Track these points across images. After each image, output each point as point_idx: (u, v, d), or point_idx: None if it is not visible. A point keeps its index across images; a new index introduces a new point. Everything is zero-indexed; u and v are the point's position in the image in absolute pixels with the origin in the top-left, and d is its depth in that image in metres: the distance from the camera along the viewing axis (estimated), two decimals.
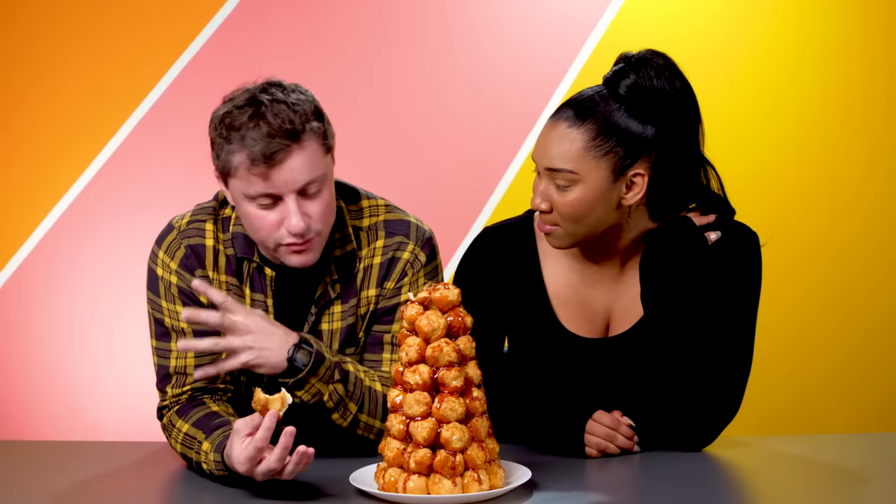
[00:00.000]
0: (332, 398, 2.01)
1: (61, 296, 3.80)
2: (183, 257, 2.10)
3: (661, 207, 2.04)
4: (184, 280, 2.09)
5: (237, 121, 1.96)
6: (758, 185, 3.80)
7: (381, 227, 2.15)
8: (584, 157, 1.97)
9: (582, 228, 2.01)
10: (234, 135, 1.96)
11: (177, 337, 2.10)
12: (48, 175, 3.83)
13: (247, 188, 1.97)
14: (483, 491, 1.76)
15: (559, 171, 1.98)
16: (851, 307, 3.81)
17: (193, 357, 2.09)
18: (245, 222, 2.04)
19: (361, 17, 3.87)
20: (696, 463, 2.01)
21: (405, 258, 2.14)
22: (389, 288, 2.13)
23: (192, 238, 2.10)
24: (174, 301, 2.10)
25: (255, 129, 1.95)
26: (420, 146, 3.84)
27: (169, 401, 2.10)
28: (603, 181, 1.97)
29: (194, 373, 1.98)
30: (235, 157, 1.96)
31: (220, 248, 2.11)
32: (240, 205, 2.02)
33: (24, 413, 3.76)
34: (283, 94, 1.99)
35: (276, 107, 1.96)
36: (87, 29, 3.85)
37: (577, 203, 1.98)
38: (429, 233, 2.18)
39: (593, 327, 2.12)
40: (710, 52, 3.81)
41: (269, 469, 1.81)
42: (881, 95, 3.82)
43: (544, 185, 2.01)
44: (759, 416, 3.55)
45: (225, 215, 2.13)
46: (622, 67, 2.00)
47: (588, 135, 1.97)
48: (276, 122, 1.95)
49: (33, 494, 1.91)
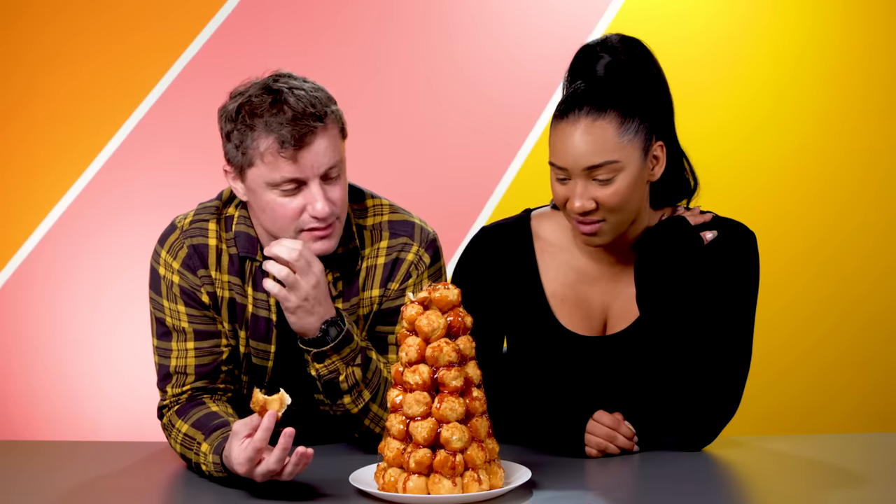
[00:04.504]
0: (348, 380, 2.03)
1: (61, 296, 3.80)
2: (185, 257, 2.09)
3: (661, 186, 2.08)
4: (186, 280, 2.08)
5: (259, 108, 1.97)
6: (757, 184, 3.80)
7: (386, 228, 2.15)
8: (619, 143, 1.97)
9: (627, 216, 2.02)
10: (258, 121, 1.96)
11: (177, 336, 2.09)
12: (48, 175, 3.83)
13: (272, 174, 1.97)
14: (483, 491, 1.76)
15: (600, 167, 1.97)
16: (849, 305, 3.80)
17: (194, 357, 2.09)
18: (264, 214, 2.03)
19: (361, 17, 3.87)
20: (695, 463, 2.01)
21: (409, 259, 2.14)
22: (394, 289, 2.13)
23: (195, 238, 2.10)
24: (175, 301, 2.09)
25: (280, 113, 1.96)
26: (420, 146, 3.84)
27: (169, 400, 2.10)
28: (639, 161, 1.99)
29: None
30: (262, 142, 1.96)
31: (224, 248, 2.10)
32: (260, 195, 2.01)
33: (24, 413, 3.76)
34: (296, 81, 2.02)
35: (295, 92, 1.98)
36: (87, 29, 3.85)
37: (623, 191, 1.98)
38: (433, 234, 2.18)
39: (591, 325, 2.12)
40: (710, 51, 3.81)
41: (268, 470, 1.81)
42: (881, 95, 3.82)
43: (582, 185, 1.98)
44: (758, 416, 3.55)
45: (228, 214, 2.12)
46: (586, 53, 2.03)
47: (615, 121, 1.97)
48: (300, 105, 1.96)
49: (33, 494, 1.91)
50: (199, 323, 2.09)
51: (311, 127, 1.96)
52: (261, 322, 2.11)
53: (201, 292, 2.09)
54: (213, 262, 2.09)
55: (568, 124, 1.98)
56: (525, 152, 3.82)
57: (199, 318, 2.09)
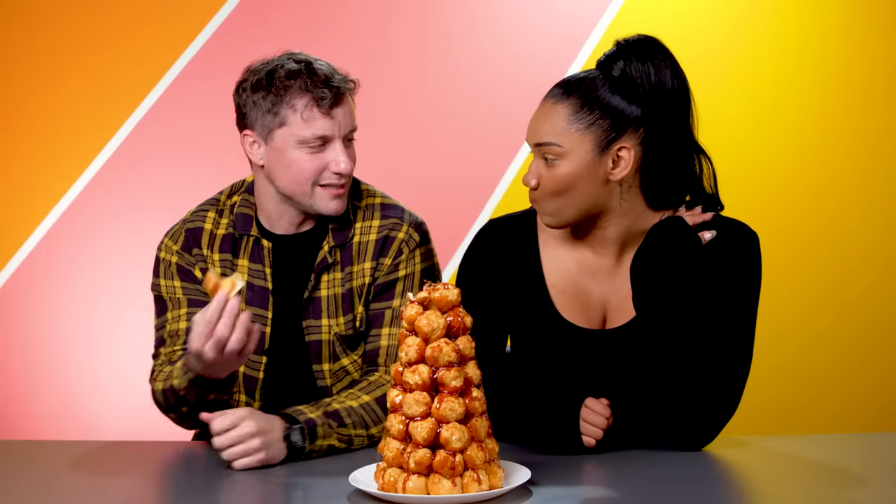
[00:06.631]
0: (342, 441, 2.09)
1: (61, 296, 3.80)
2: (183, 240, 2.29)
3: (656, 192, 2.06)
4: (183, 259, 2.27)
5: (294, 72, 2.16)
6: (757, 183, 3.80)
7: (378, 209, 2.30)
8: (567, 129, 2.02)
9: (569, 204, 2.04)
10: (293, 83, 2.15)
11: (172, 307, 2.25)
12: (48, 175, 3.84)
13: (304, 131, 2.15)
14: (482, 491, 1.76)
15: (546, 146, 2.03)
16: (848, 304, 3.81)
17: (186, 321, 2.22)
18: (287, 171, 2.18)
19: (361, 17, 3.87)
20: (695, 463, 2.01)
21: (400, 237, 2.27)
22: (386, 264, 2.25)
23: (193, 223, 2.30)
24: (172, 277, 2.27)
25: (315, 76, 2.16)
26: (420, 145, 3.85)
27: (161, 360, 2.23)
28: (587, 154, 2.01)
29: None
30: (299, 101, 2.15)
31: (218, 232, 2.28)
32: (286, 153, 2.17)
33: (24, 413, 3.76)
34: (312, 57, 2.21)
35: (319, 64, 2.19)
36: (87, 29, 3.85)
37: (563, 177, 2.02)
38: (420, 219, 2.32)
39: (590, 318, 2.13)
40: (710, 51, 3.81)
41: (218, 339, 1.92)
42: (881, 94, 3.83)
43: (535, 161, 2.06)
44: (757, 415, 3.55)
45: (232, 202, 2.30)
46: (615, 51, 2.06)
47: (571, 108, 2.02)
48: (330, 71, 2.18)
49: (33, 494, 1.91)
50: (193, 295, 2.26)
51: (342, 89, 2.18)
52: (257, 290, 2.25)
53: (195, 269, 2.26)
54: (205, 242, 2.28)
55: (541, 102, 2.08)
56: (525, 152, 3.82)
57: (193, 290, 2.26)
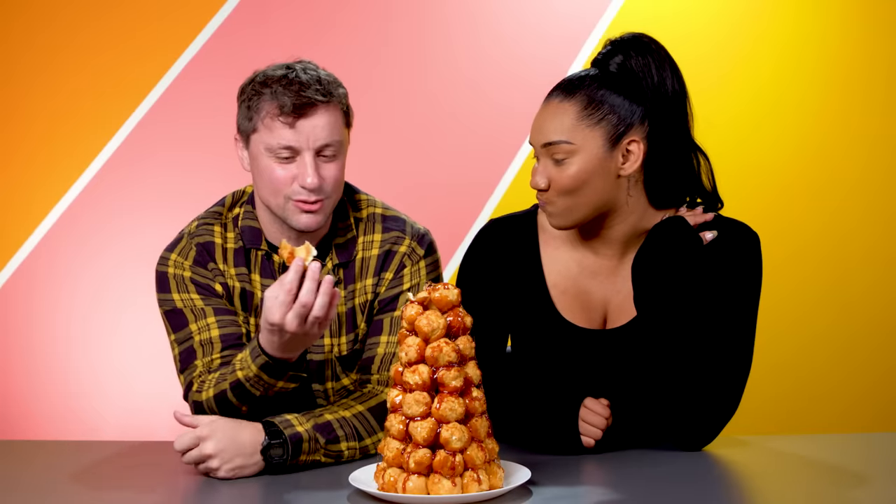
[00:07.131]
0: (329, 457, 2.02)
1: (61, 296, 3.80)
2: (195, 255, 2.18)
3: (659, 188, 2.06)
4: (198, 274, 2.17)
5: (271, 79, 2.11)
6: (757, 183, 3.80)
7: (379, 221, 2.24)
8: (577, 126, 2.01)
9: (581, 202, 2.03)
10: (266, 90, 2.09)
11: (194, 317, 2.14)
12: (48, 175, 3.83)
13: (270, 139, 2.08)
14: (482, 491, 1.76)
15: (556, 144, 2.02)
16: (848, 304, 3.81)
17: (217, 328, 2.14)
18: (261, 180, 2.12)
19: (362, 17, 3.87)
20: (695, 463, 2.01)
21: (402, 251, 2.21)
22: (388, 279, 2.21)
23: (202, 237, 2.19)
24: (187, 290, 2.17)
25: (288, 85, 2.09)
26: (420, 146, 3.85)
27: (199, 371, 2.11)
28: (599, 149, 2.01)
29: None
30: (265, 107, 2.08)
31: (228, 246, 2.19)
32: (259, 161, 2.11)
33: (24, 413, 3.76)
34: (312, 65, 2.15)
35: (308, 72, 2.12)
36: (87, 29, 3.85)
37: (576, 175, 2.01)
38: (424, 230, 2.26)
39: (591, 318, 2.13)
40: (710, 51, 3.81)
41: (303, 304, 1.87)
42: (881, 94, 3.83)
43: (542, 163, 2.05)
44: (757, 414, 3.55)
45: (233, 215, 2.22)
46: (611, 49, 2.06)
47: (579, 105, 2.02)
48: (308, 80, 2.10)
49: (33, 494, 1.91)
50: (217, 304, 2.16)
51: (312, 100, 2.08)
52: None
53: (214, 283, 2.17)
54: (219, 257, 2.18)
55: (544, 103, 2.07)
56: (525, 152, 3.82)
57: (215, 302, 2.16)
